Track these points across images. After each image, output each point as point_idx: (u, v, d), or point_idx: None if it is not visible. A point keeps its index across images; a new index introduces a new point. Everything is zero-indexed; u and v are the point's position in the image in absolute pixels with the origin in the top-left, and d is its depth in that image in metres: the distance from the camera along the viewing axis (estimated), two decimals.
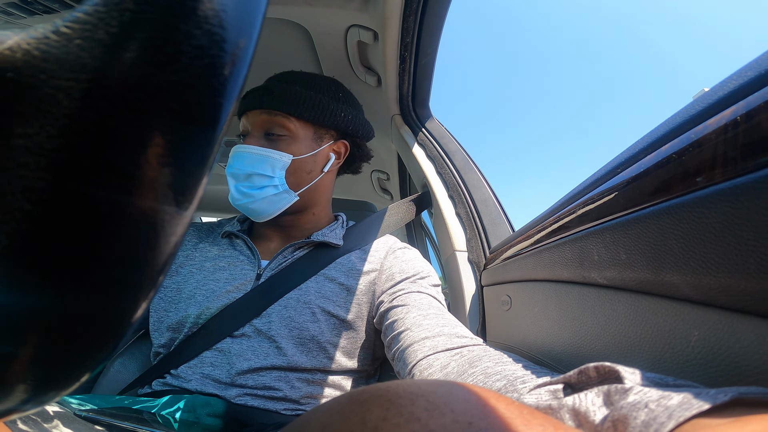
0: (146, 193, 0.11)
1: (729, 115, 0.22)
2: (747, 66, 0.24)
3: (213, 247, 0.70)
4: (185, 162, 0.12)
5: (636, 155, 0.30)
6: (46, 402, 0.13)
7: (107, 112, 0.10)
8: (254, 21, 0.13)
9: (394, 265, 0.66)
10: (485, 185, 0.81)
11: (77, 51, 0.10)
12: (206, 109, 0.12)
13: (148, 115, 0.11)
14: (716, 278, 0.22)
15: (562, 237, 0.39)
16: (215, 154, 0.12)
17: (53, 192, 0.10)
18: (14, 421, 0.35)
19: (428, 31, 0.78)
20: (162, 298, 0.66)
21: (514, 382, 0.30)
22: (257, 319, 0.60)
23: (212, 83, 0.12)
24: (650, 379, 0.21)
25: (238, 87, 0.12)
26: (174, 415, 0.49)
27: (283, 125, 0.65)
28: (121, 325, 0.12)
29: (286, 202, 0.67)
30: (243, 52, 0.12)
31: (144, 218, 0.11)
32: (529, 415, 0.17)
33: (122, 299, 0.12)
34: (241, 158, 0.64)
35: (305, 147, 0.67)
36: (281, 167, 0.65)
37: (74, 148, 0.10)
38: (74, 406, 0.47)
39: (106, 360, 0.13)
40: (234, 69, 0.12)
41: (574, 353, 0.37)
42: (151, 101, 0.11)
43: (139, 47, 0.11)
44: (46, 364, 0.12)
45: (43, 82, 0.10)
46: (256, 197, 0.64)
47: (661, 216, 0.25)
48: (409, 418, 0.15)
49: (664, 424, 0.16)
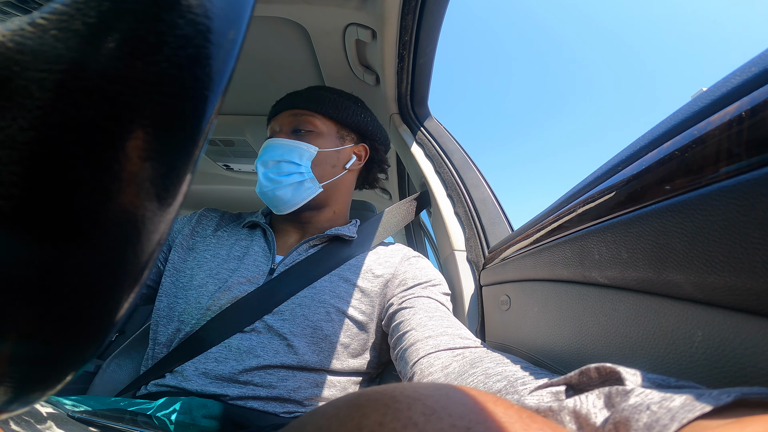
0: (126, 188, 0.11)
1: (733, 111, 0.22)
2: (751, 61, 0.24)
3: (231, 235, 0.72)
4: (168, 157, 0.11)
5: (637, 152, 0.30)
6: (32, 402, 0.12)
7: (85, 104, 0.10)
8: (242, 11, 0.12)
9: (408, 271, 0.68)
10: (484, 184, 0.80)
11: (52, 42, 0.10)
12: (191, 101, 0.11)
13: (128, 108, 0.10)
14: (721, 277, 0.21)
15: (562, 236, 0.38)
16: (200, 149, 0.12)
17: (25, 186, 0.10)
18: (6, 422, 0.35)
19: (427, 29, 0.77)
20: (174, 283, 0.66)
21: (514, 383, 0.30)
22: (269, 315, 0.60)
23: (197, 75, 0.11)
24: (652, 380, 0.21)
25: (225, 79, 0.12)
26: (170, 417, 0.49)
27: (309, 122, 0.72)
28: (103, 323, 0.12)
29: (310, 192, 0.70)
30: (230, 43, 0.12)
31: (124, 215, 0.11)
32: (528, 419, 0.16)
33: (104, 297, 0.12)
34: (271, 149, 0.70)
35: (329, 143, 0.73)
36: (308, 157, 0.70)
37: (47, 141, 0.10)
38: (68, 407, 0.46)
39: (89, 359, 0.12)
40: (221, 60, 0.12)
41: (574, 354, 0.36)
42: (131, 93, 0.10)
43: (119, 38, 0.10)
44: (27, 363, 0.11)
45: (16, 73, 0.10)
46: (284, 183, 0.68)
47: (664, 214, 0.25)
48: (406, 423, 0.15)
49: (667, 426, 0.16)
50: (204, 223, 0.75)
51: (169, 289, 0.66)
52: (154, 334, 0.64)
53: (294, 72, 1.00)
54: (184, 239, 0.72)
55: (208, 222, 0.75)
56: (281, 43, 0.90)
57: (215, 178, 1.63)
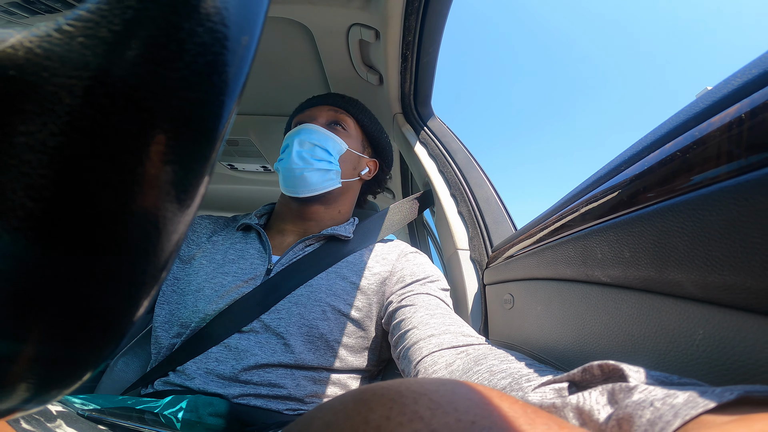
0: (148, 190, 0.11)
1: (733, 113, 0.22)
2: (751, 63, 0.24)
3: (226, 239, 0.72)
4: (188, 160, 0.12)
5: (639, 153, 0.30)
6: (49, 401, 0.13)
7: (110, 110, 0.10)
8: (256, 18, 0.13)
9: (405, 268, 0.68)
10: (487, 183, 0.81)
11: (80, 49, 0.10)
12: (208, 106, 0.12)
13: (150, 113, 0.11)
14: (721, 276, 0.21)
15: (565, 235, 0.39)
16: (217, 152, 0.12)
17: (55, 189, 0.10)
18: (17, 420, 0.35)
19: (430, 29, 0.77)
20: (175, 291, 0.67)
21: (519, 380, 0.30)
22: (266, 314, 0.61)
23: (214, 81, 0.12)
24: (655, 377, 0.21)
25: (241, 84, 0.12)
26: (176, 415, 0.49)
27: (346, 121, 0.77)
28: (123, 322, 0.12)
29: (332, 184, 0.73)
30: (245, 50, 0.12)
31: (146, 216, 0.11)
32: (533, 414, 0.16)
33: (124, 296, 0.12)
34: (310, 132, 0.73)
35: (355, 146, 0.78)
36: (338, 151, 0.74)
37: (76, 145, 0.10)
38: (77, 405, 0.47)
39: (108, 358, 0.13)
40: (236, 66, 0.12)
41: (578, 352, 0.37)
42: (153, 99, 0.11)
43: (142, 45, 0.11)
44: (47, 363, 0.12)
45: (45, 79, 0.10)
46: (314, 166, 0.70)
47: (666, 214, 0.25)
48: (412, 417, 0.15)
49: (670, 422, 0.16)
50: (198, 231, 0.75)
51: (169, 297, 0.66)
52: (155, 340, 0.64)
53: (297, 72, 1.00)
54: (181, 250, 0.72)
55: (201, 229, 0.75)
56: (285, 43, 0.91)
57: (219, 178, 1.63)
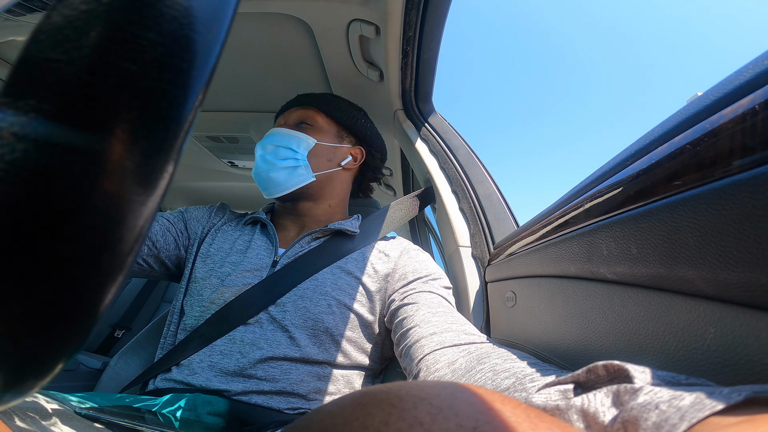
0: (110, 176, 0.11)
1: (746, 104, 0.22)
2: (764, 54, 0.23)
3: (235, 231, 0.75)
4: (151, 147, 0.11)
5: (647, 147, 0.29)
6: (23, 395, 0.12)
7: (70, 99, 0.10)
8: (225, 5, 0.13)
9: (408, 265, 0.68)
10: (489, 180, 0.80)
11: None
12: (172, 91, 0.11)
13: (109, 99, 0.11)
14: (734, 273, 0.21)
15: (569, 231, 0.38)
16: (182, 139, 0.12)
17: (13, 175, 0.10)
18: (11, 418, 0.35)
19: (431, 25, 0.77)
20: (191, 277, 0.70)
21: (522, 380, 0.29)
22: (272, 306, 0.61)
23: (178, 70, 0.12)
24: (661, 377, 0.20)
25: (206, 76, 0.12)
26: (175, 414, 0.49)
27: (312, 117, 0.78)
28: (89, 311, 0.12)
29: (303, 179, 0.74)
30: (212, 41, 0.12)
31: (109, 202, 0.11)
32: (536, 418, 0.16)
33: (89, 285, 0.12)
34: (272, 136, 0.76)
35: (328, 138, 0.79)
36: (305, 147, 0.75)
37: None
38: (74, 403, 0.47)
39: (78, 349, 0.13)
40: (202, 57, 0.12)
41: (582, 351, 0.36)
42: (112, 85, 0.11)
43: (101, 36, 0.11)
44: (14, 354, 0.11)
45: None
46: (278, 165, 0.72)
47: (675, 209, 0.24)
48: (412, 423, 0.15)
49: (676, 425, 0.15)
50: (217, 216, 0.79)
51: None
52: (167, 328, 0.66)
53: (298, 69, 0.99)
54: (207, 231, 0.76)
55: (217, 218, 0.79)
56: (285, 39, 0.90)
57: (220, 175, 1.63)
